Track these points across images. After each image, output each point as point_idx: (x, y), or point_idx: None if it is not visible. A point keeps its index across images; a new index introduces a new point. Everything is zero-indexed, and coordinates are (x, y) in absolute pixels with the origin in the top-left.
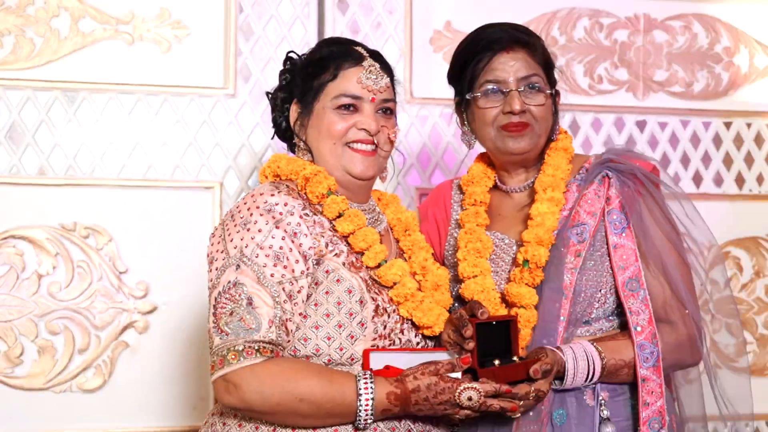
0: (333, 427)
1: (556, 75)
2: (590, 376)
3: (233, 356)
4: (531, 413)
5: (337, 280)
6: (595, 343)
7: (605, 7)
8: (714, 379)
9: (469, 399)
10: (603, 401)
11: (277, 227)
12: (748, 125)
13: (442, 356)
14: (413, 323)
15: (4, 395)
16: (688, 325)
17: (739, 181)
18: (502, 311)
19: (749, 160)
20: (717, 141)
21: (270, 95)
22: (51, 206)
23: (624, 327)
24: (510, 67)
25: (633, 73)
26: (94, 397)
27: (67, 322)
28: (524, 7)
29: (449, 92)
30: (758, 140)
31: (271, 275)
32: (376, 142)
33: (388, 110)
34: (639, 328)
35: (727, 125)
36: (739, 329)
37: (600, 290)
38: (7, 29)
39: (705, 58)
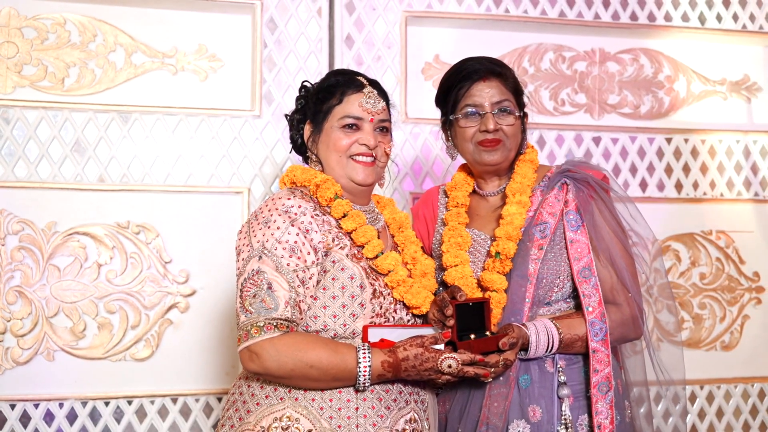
0: (337, 389)
1: (525, 99)
2: (550, 348)
3: (256, 331)
4: (501, 378)
5: (342, 269)
6: (554, 321)
7: (567, 43)
8: (653, 350)
9: (449, 366)
10: (561, 368)
11: (292, 225)
12: (686, 140)
13: (427, 331)
14: (404, 304)
15: (69, 363)
16: (631, 306)
17: (678, 186)
18: (478, 294)
19: (686, 169)
20: (660, 154)
21: (288, 117)
22: (109, 207)
23: (578, 308)
24: (486, 93)
25: (590, 97)
26: (144, 365)
27: (122, 303)
28: (500, 43)
29: (437, 113)
30: (694, 153)
31: (288, 264)
32: (374, 155)
33: (384, 128)
34: (590, 309)
35: (668, 140)
36: (676, 309)
37: (558, 277)
38: (72, 62)
39: (650, 85)
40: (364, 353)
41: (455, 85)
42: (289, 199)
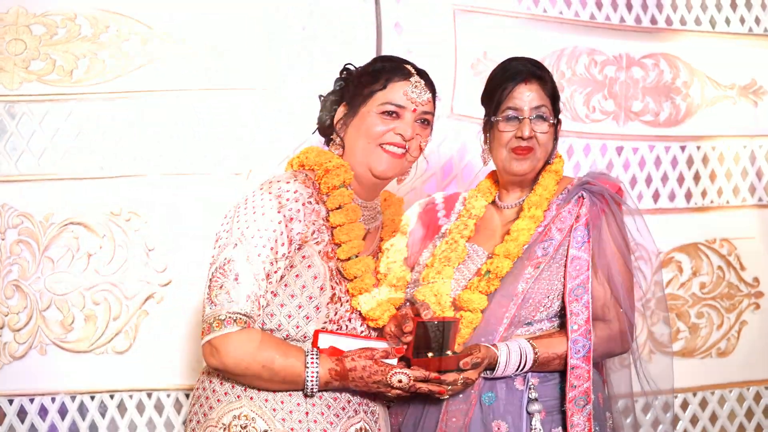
0: (288, 392)
1: (560, 105)
2: (521, 367)
3: (217, 324)
4: (461, 395)
5: (309, 266)
6: (530, 341)
7: (597, 46)
8: (640, 363)
9: (400, 381)
10: (533, 386)
11: (278, 212)
12: (698, 147)
13: (380, 345)
14: (361, 314)
15: (60, 357)
16: (621, 321)
17: (688, 196)
18: (449, 313)
19: (696, 177)
20: (674, 163)
21: (321, 97)
22: (105, 196)
23: (563, 327)
24: (526, 96)
25: (617, 104)
26: (123, 359)
27: (106, 293)
28: (541, 44)
29: (482, 111)
30: (704, 161)
31: (258, 255)
32: (407, 147)
33: (426, 121)
34: (576, 327)
35: (683, 149)
36: (671, 321)
37: (548, 296)
38: (83, 54)
39: (669, 91)
40: (312, 359)
41: (500, 86)
42: (287, 182)
